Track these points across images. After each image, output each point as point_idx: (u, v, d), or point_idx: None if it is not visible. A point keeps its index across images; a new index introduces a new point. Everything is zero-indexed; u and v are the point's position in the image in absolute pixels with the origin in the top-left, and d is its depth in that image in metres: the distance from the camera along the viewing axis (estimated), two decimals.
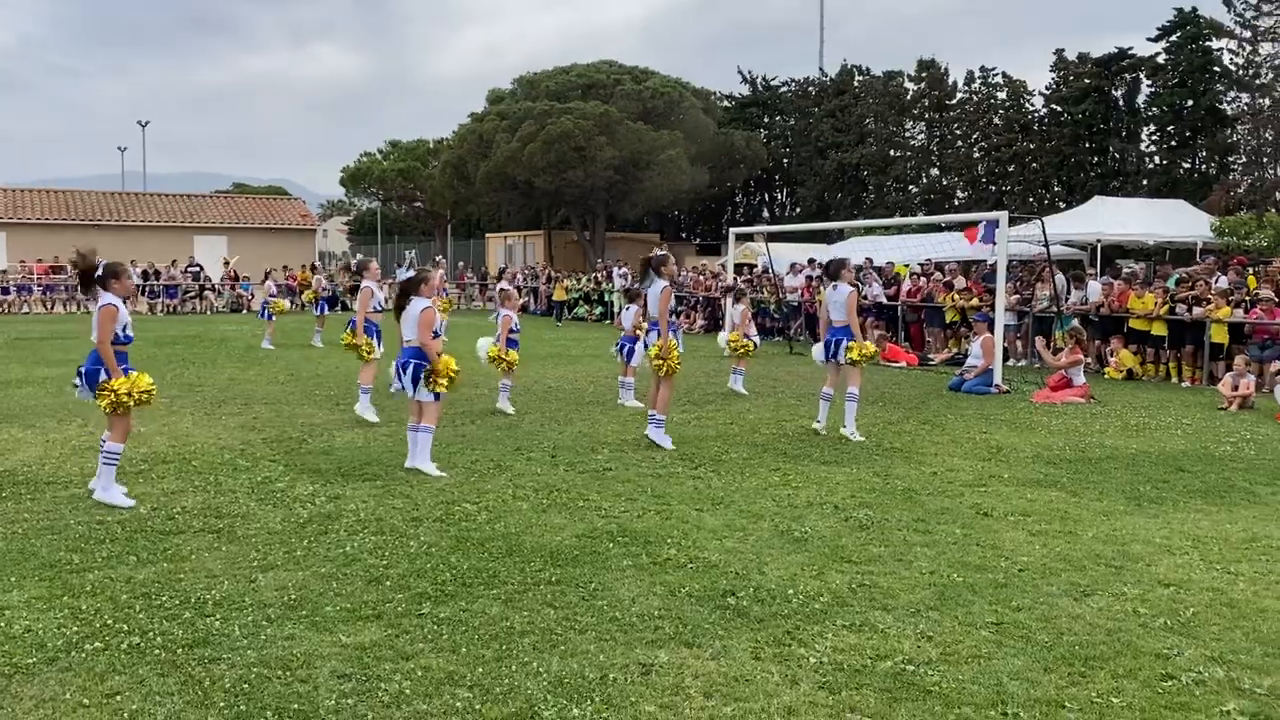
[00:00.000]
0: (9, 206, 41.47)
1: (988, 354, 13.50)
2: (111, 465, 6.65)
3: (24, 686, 3.81)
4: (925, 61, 42.86)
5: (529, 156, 40.24)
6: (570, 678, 3.91)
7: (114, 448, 6.64)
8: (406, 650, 4.18)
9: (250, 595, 4.85)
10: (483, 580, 5.12)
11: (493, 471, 7.90)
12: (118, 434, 6.66)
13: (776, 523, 6.36)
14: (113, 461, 6.66)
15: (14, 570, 5.21)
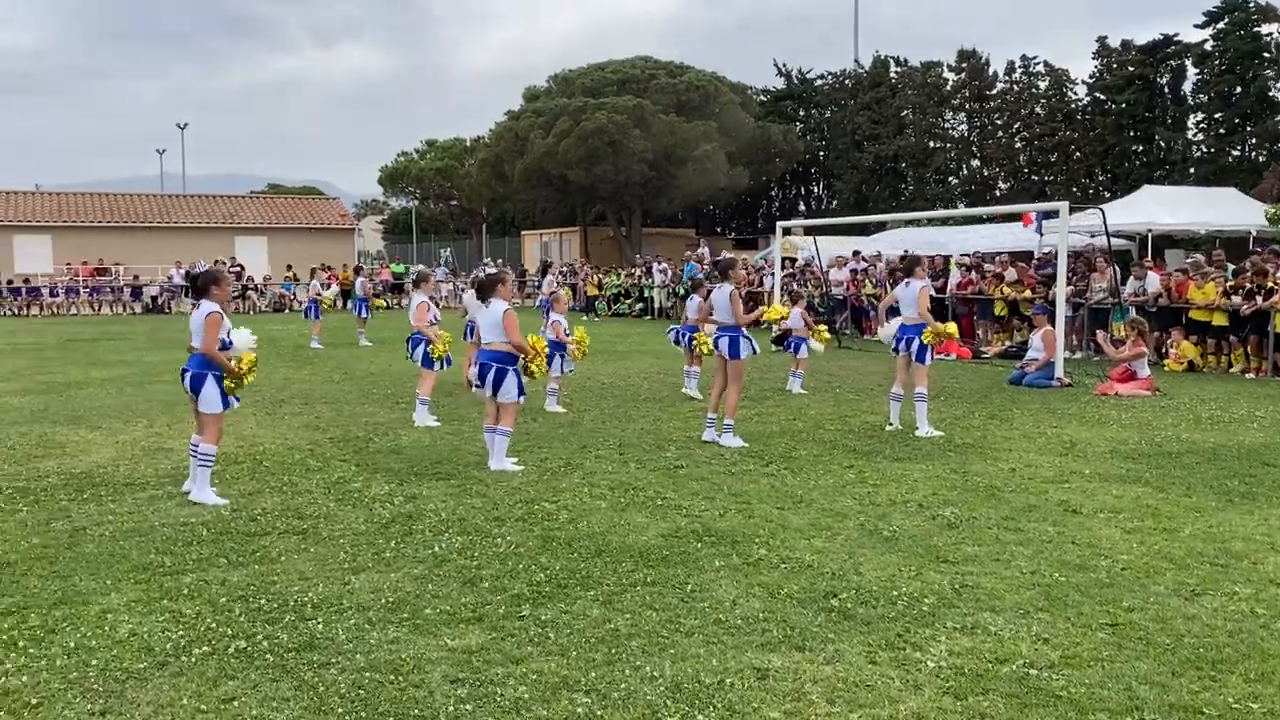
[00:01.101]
0: (54, 210, 42.07)
1: (1049, 346, 13.28)
2: (207, 468, 6.69)
3: (138, 692, 3.78)
4: (965, 51, 42.37)
5: (564, 152, 40.25)
6: (687, 683, 3.84)
7: (208, 450, 6.68)
8: (515, 654, 4.12)
9: (347, 598, 4.82)
10: (577, 581, 5.05)
11: (564, 469, 7.85)
12: (210, 436, 6.69)
13: (862, 521, 6.26)
14: (208, 464, 6.70)
15: (108, 573, 5.21)
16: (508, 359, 7.77)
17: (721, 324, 8.95)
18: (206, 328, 6.61)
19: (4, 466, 7.96)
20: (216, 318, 6.66)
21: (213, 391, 6.62)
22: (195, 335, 6.69)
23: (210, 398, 6.62)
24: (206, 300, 6.73)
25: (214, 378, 6.64)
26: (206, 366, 6.66)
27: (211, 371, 6.64)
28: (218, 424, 6.77)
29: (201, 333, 6.61)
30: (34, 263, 38.46)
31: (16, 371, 15.18)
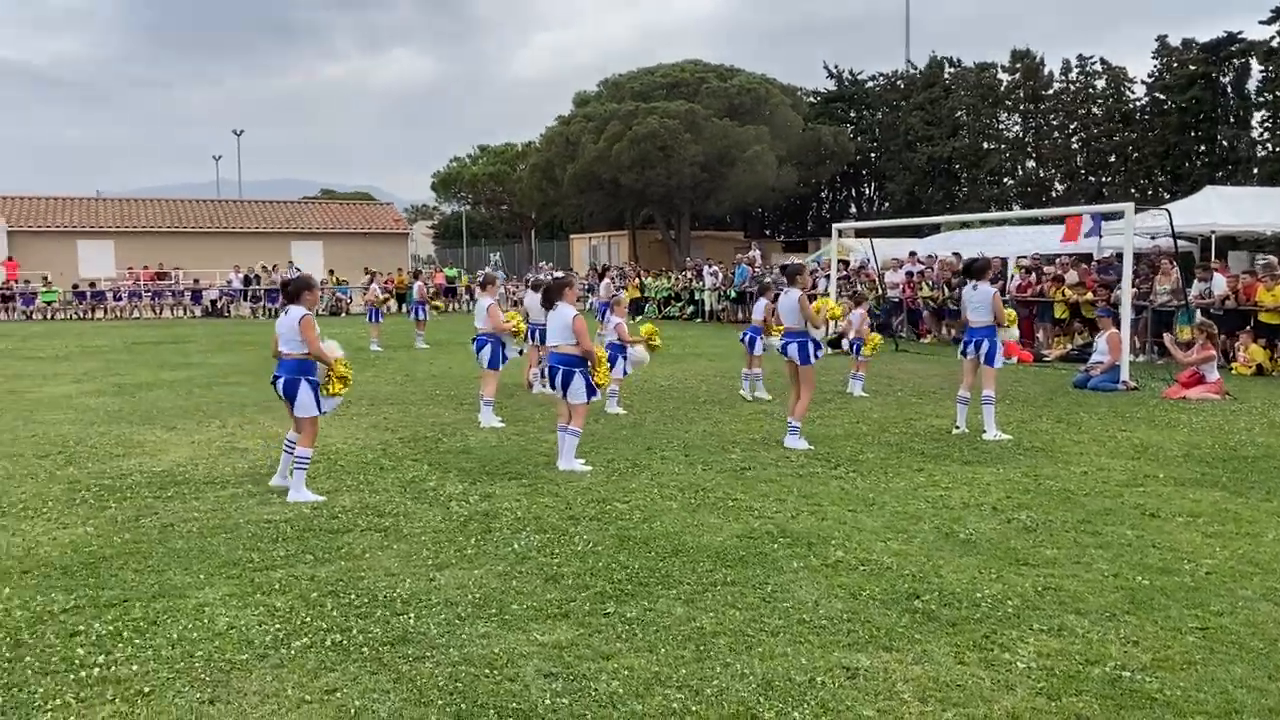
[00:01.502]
0: (118, 216, 43.05)
1: (1114, 350, 13.11)
2: (303, 469, 6.84)
3: (243, 682, 3.90)
4: (1019, 51, 41.87)
5: (615, 156, 40.39)
6: (778, 680, 3.87)
7: (304, 452, 6.83)
8: (604, 650, 4.18)
9: (434, 593, 4.91)
10: (657, 580, 5.10)
11: (632, 470, 7.91)
12: (307, 440, 6.85)
13: (937, 524, 6.24)
14: (304, 466, 6.85)
15: (200, 568, 5.36)
16: (576, 361, 7.86)
17: (790, 329, 8.96)
18: (304, 329, 6.77)
19: (88, 465, 8.20)
20: (311, 319, 6.83)
21: (307, 396, 6.78)
22: (284, 341, 6.85)
23: (305, 403, 6.78)
24: (296, 305, 6.89)
25: (308, 383, 6.79)
26: (299, 371, 6.82)
27: (305, 377, 6.79)
28: (314, 427, 6.93)
29: (295, 336, 6.77)
30: (97, 267, 39.38)
31: (89, 373, 15.56)
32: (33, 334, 25.36)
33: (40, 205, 42.86)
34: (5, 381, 14.37)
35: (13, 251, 37.83)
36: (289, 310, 6.90)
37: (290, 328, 6.82)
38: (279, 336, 6.92)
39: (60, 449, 8.89)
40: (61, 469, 8.03)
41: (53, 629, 4.45)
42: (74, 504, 6.83)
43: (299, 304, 6.92)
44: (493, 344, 10.36)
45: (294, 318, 6.82)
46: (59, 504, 6.82)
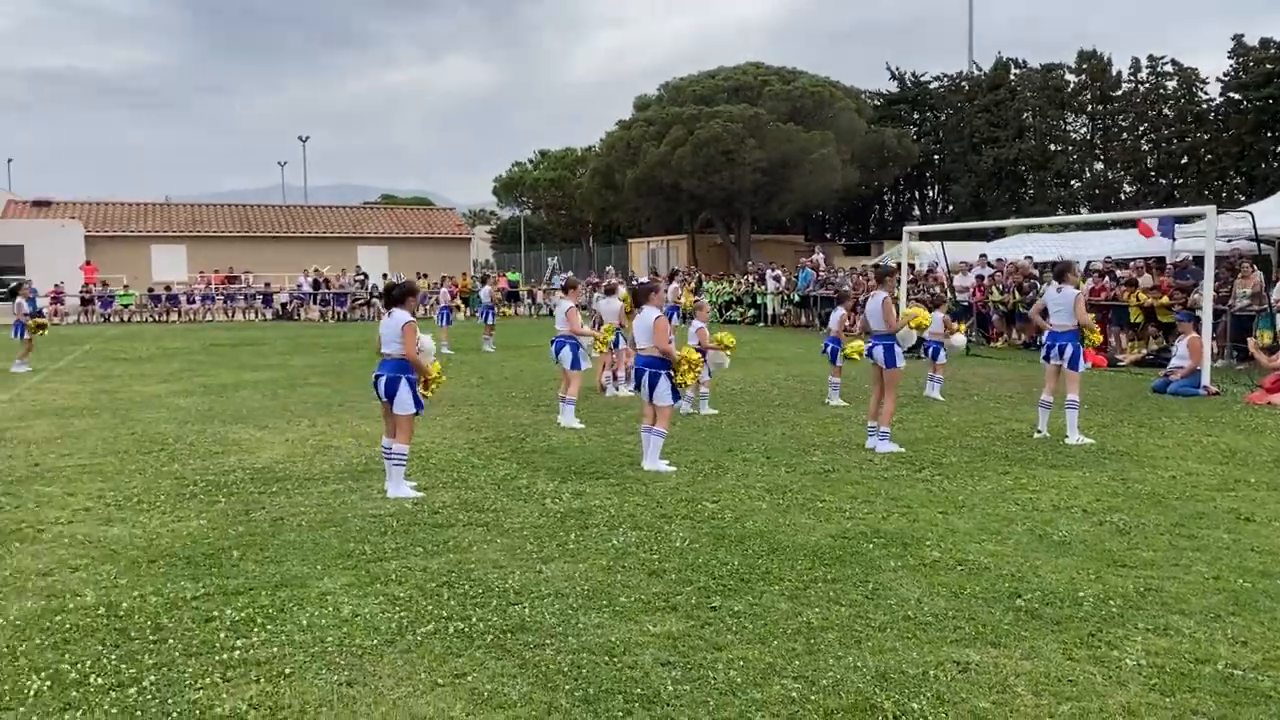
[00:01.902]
0: (190, 221, 44.19)
1: (1194, 354, 12.93)
2: (400, 466, 7.07)
3: (376, 665, 4.09)
4: (1086, 52, 41.25)
5: (678, 161, 40.51)
6: (891, 673, 3.97)
7: (401, 450, 7.07)
8: (716, 641, 4.31)
9: (543, 585, 5.08)
10: (758, 576, 5.22)
11: (716, 472, 8.03)
12: (404, 437, 7.08)
13: (1029, 526, 6.28)
14: (401, 463, 7.08)
15: (316, 559, 5.59)
16: (661, 364, 8.01)
17: (876, 332, 9.01)
18: (406, 334, 6.99)
19: (191, 461, 8.52)
20: (414, 325, 7.05)
21: (407, 395, 7.00)
22: (387, 342, 7.08)
23: (404, 401, 7.00)
24: (401, 309, 7.12)
25: (408, 381, 7.02)
26: (400, 371, 7.04)
27: (405, 375, 7.02)
28: (411, 425, 7.15)
29: (397, 339, 6.99)
30: (170, 271, 40.46)
31: (175, 374, 16.06)
32: (113, 336, 26.14)
33: (116, 211, 44.15)
34: (96, 382, 14.89)
35: (90, 256, 38.99)
36: (393, 313, 7.13)
37: (393, 330, 7.05)
38: (382, 337, 7.15)
39: (161, 446, 9.24)
40: (166, 465, 8.36)
41: (188, 614, 4.69)
42: (184, 498, 7.13)
43: (403, 308, 7.15)
44: (572, 346, 10.55)
45: (397, 321, 7.05)
46: (170, 498, 7.12)
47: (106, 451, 9.00)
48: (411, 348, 7.03)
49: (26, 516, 6.57)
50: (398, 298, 7.24)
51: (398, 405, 7.02)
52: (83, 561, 5.55)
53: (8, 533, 6.16)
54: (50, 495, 7.22)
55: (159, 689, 3.85)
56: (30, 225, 39.68)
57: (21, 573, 5.33)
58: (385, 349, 7.10)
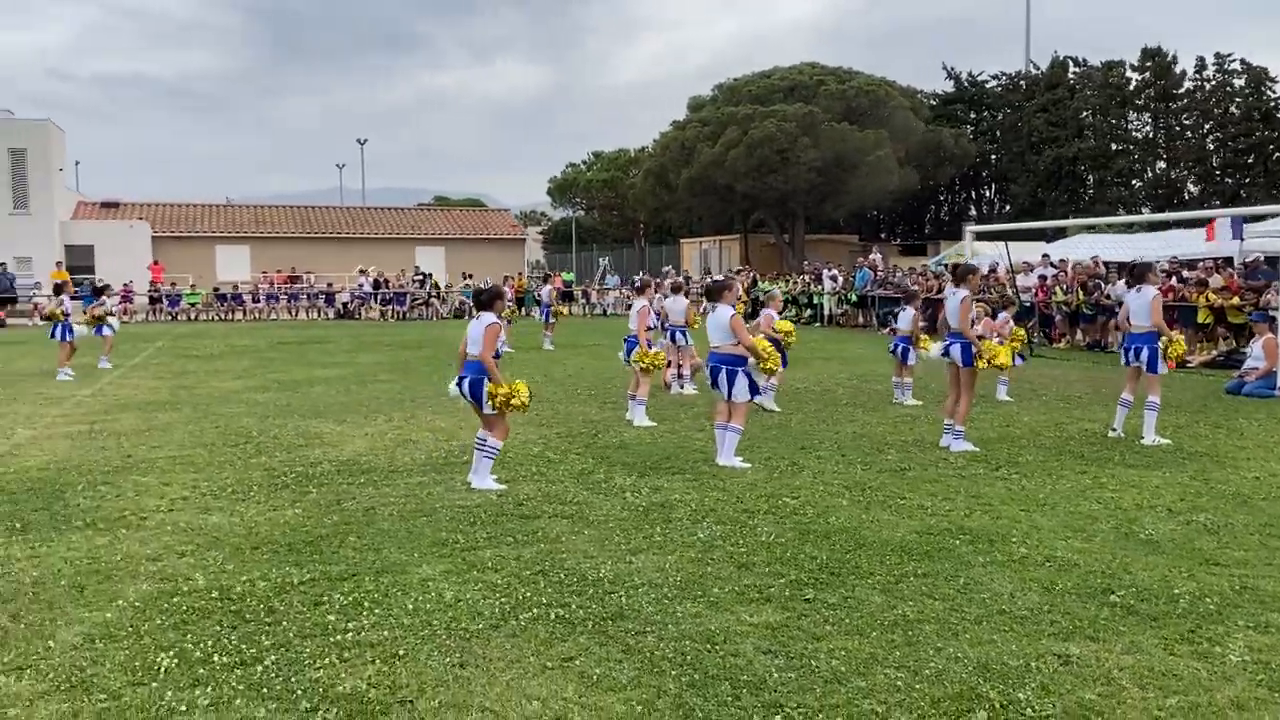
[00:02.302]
0: (253, 222, 45.04)
1: (1270, 355, 12.72)
2: (489, 458, 7.21)
3: (484, 648, 4.21)
4: (1150, 50, 40.56)
5: (732, 161, 40.54)
6: (993, 664, 4.01)
7: (494, 444, 7.21)
8: (815, 632, 4.38)
9: (636, 575, 5.18)
10: (849, 570, 5.28)
11: (791, 469, 8.08)
12: (499, 433, 7.22)
13: (1114, 524, 6.26)
14: (491, 455, 7.22)
15: (411, 546, 5.74)
16: (737, 360, 8.08)
17: (954, 330, 8.99)
18: (487, 335, 7.14)
19: (277, 454, 8.75)
20: (496, 329, 7.20)
21: (480, 391, 7.13)
22: (473, 344, 7.22)
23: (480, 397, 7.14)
24: (488, 312, 7.27)
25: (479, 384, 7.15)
26: (484, 372, 7.18)
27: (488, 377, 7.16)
28: (503, 423, 7.27)
29: (480, 342, 7.14)
30: (233, 271, 41.26)
31: (247, 370, 16.42)
32: (182, 334, 26.75)
33: (181, 212, 45.11)
34: (174, 378, 15.29)
35: (157, 256, 39.89)
36: (480, 316, 7.28)
37: (477, 332, 7.19)
38: (468, 339, 7.29)
39: (246, 439, 9.49)
40: (254, 458, 8.59)
41: (298, 598, 4.85)
42: (276, 489, 7.34)
43: (490, 311, 7.29)
44: (633, 344, 10.68)
45: (482, 323, 7.19)
46: (263, 489, 7.33)
47: (194, 444, 9.27)
48: (489, 349, 7.15)
49: (128, 505, 6.81)
50: (486, 302, 7.39)
51: (486, 406, 7.15)
52: (189, 548, 5.75)
53: (113, 520, 6.39)
54: (147, 485, 7.47)
55: (280, 668, 4.01)
56: (100, 226, 40.72)
57: (132, 558, 5.54)
58: (471, 350, 7.24)
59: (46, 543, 5.83)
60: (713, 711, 3.60)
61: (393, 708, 3.65)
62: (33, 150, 38.00)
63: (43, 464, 8.29)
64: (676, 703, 3.68)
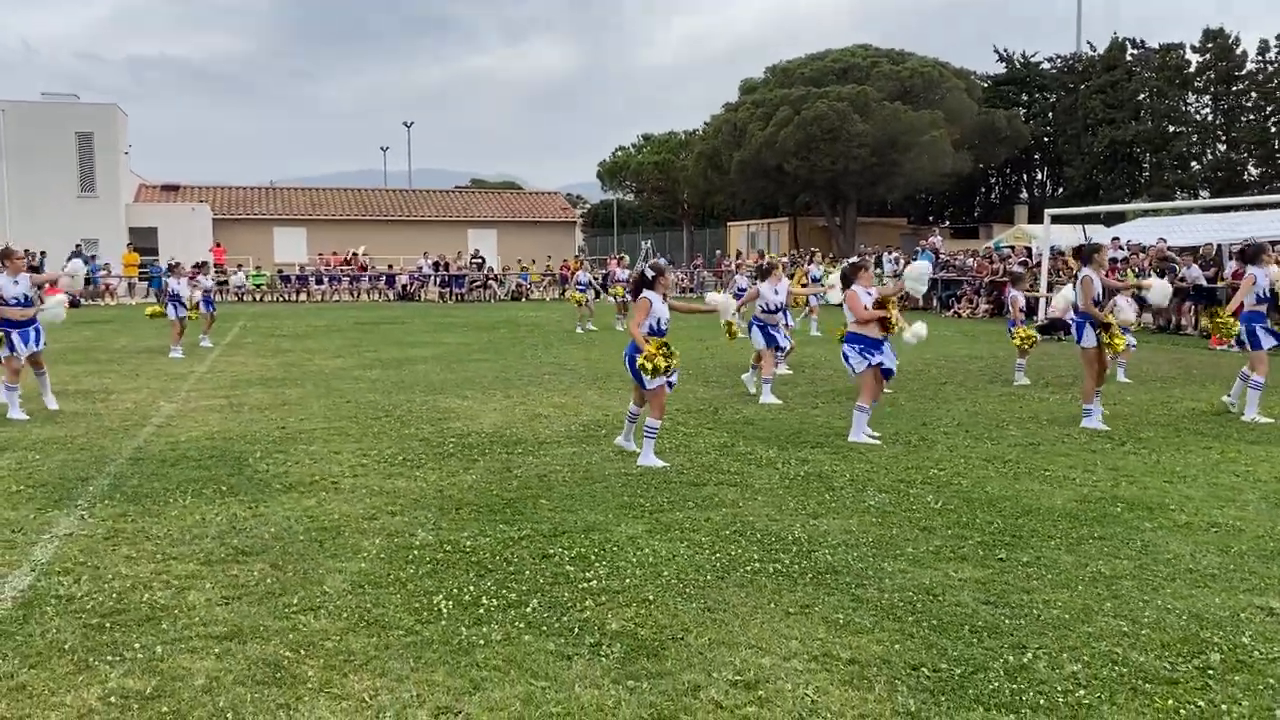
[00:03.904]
0: (309, 205, 45.73)
1: None
2: (651, 438, 7.54)
3: (721, 596, 4.58)
4: (1212, 30, 40.16)
5: (783, 141, 40.63)
6: (1204, 615, 4.33)
7: (653, 424, 7.55)
8: (1023, 586, 4.71)
9: (828, 536, 5.53)
10: (1028, 533, 5.60)
11: (923, 444, 8.39)
12: (656, 413, 7.57)
13: (1261, 494, 6.53)
14: (652, 435, 7.54)
15: (602, 509, 6.13)
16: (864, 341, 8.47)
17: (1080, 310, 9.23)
18: (637, 310, 7.51)
19: (423, 427, 9.17)
20: (646, 303, 7.54)
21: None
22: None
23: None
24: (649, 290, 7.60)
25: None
26: (635, 349, 7.54)
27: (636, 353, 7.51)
28: (659, 399, 7.60)
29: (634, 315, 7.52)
30: (290, 253, 41.97)
31: (342, 349, 16.92)
32: (256, 314, 27.38)
33: (238, 195, 45.91)
34: (275, 355, 15.82)
35: (217, 238, 40.67)
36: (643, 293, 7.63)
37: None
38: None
39: (385, 413, 9.93)
40: (403, 429, 9.02)
41: (525, 551, 5.25)
42: (443, 457, 7.76)
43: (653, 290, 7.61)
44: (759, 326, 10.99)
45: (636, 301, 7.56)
46: (431, 457, 7.76)
47: (337, 417, 9.72)
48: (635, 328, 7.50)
49: (314, 470, 7.26)
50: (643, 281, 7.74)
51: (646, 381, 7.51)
52: (395, 508, 6.17)
53: (309, 484, 6.83)
54: (318, 453, 7.92)
55: (547, 609, 4.40)
56: (163, 209, 41.56)
57: (349, 517, 5.97)
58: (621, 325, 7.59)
59: (262, 504, 6.27)
60: (963, 651, 3.95)
61: (668, 644, 4.03)
62: (99, 134, 38.79)
63: (207, 434, 8.77)
64: (926, 643, 4.03)
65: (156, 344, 17.12)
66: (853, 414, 8.62)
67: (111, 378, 12.84)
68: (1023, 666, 3.80)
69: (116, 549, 5.28)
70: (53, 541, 5.42)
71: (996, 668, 3.79)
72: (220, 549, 5.28)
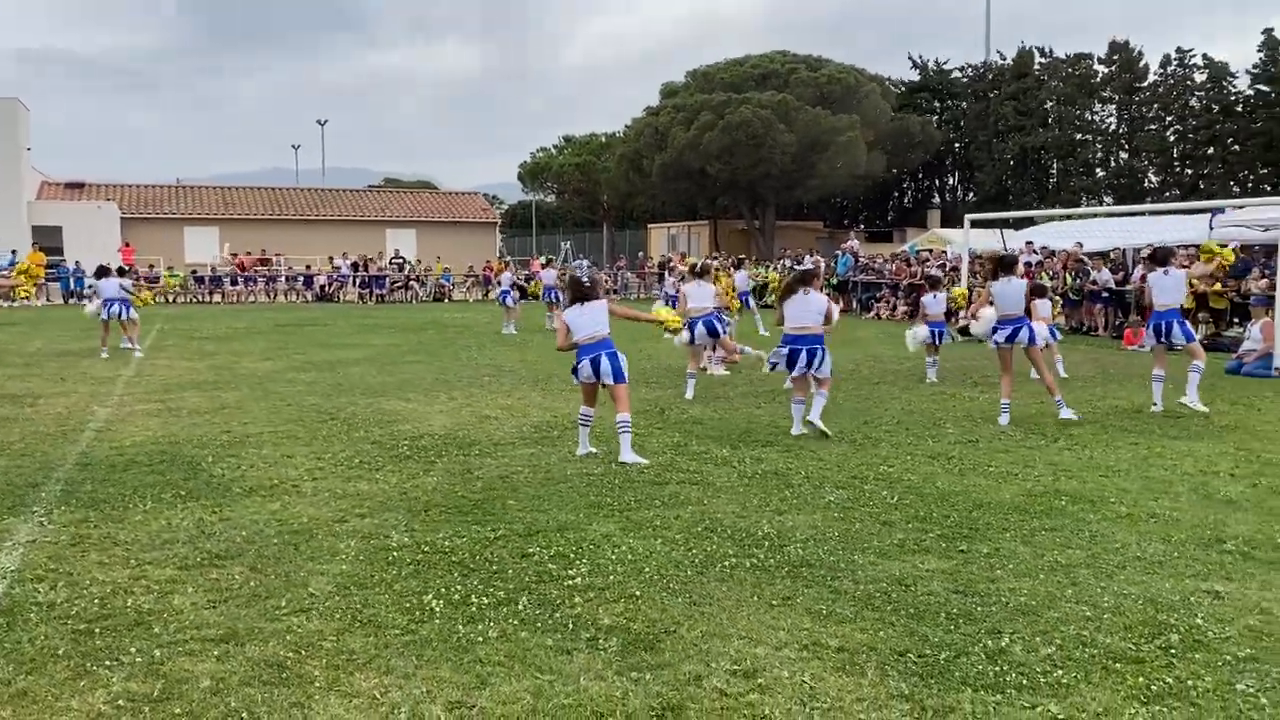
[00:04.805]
0: (221, 203, 44.66)
1: (1268, 337, 13.59)
2: (628, 433, 7.66)
3: (705, 590, 4.72)
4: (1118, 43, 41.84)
5: (706, 145, 41.09)
6: (1158, 599, 4.61)
7: (626, 417, 7.67)
8: (987, 576, 4.95)
9: (797, 531, 5.72)
10: (983, 526, 5.86)
11: (868, 442, 8.66)
12: (626, 406, 7.70)
13: (1190, 487, 6.92)
14: (629, 430, 7.67)
15: (572, 509, 6.22)
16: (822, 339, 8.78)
17: (1010, 316, 9.61)
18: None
19: (374, 429, 9.13)
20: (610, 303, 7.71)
21: (607, 367, 7.62)
22: (591, 327, 7.73)
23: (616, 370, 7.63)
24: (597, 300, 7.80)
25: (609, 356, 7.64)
26: (602, 348, 7.67)
27: (605, 351, 7.64)
28: (626, 395, 7.74)
29: (604, 320, 7.71)
30: (202, 253, 40.93)
31: (269, 352, 16.63)
32: (172, 316, 26.66)
33: (148, 193, 44.60)
34: (203, 358, 15.50)
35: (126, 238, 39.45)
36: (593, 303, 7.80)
37: (596, 314, 7.72)
38: (580, 326, 7.82)
39: (330, 416, 9.84)
40: (353, 432, 8.97)
41: (503, 551, 5.32)
42: (400, 459, 7.76)
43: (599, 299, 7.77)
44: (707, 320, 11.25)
45: (603, 305, 7.73)
46: (388, 460, 7.75)
47: (281, 420, 9.61)
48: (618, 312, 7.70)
49: (271, 474, 7.19)
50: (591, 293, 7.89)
51: (605, 379, 7.63)
52: (362, 510, 6.17)
53: (269, 488, 6.78)
54: (271, 457, 7.85)
55: (538, 606, 4.49)
56: (68, 207, 40.15)
57: (318, 520, 5.96)
58: (591, 331, 7.69)
59: (226, 507, 6.22)
60: (943, 637, 4.15)
61: (662, 637, 4.15)
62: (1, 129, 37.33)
63: (151, 438, 8.61)
64: (907, 630, 4.23)
65: (77, 346, 16.64)
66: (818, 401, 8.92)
67: (35, 382, 12.45)
68: (1001, 650, 4.02)
69: (86, 555, 5.20)
70: (16, 549, 5.32)
71: (977, 651, 4.00)
72: (194, 553, 5.24)
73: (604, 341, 7.76)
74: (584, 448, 7.93)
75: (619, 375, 7.68)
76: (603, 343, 7.75)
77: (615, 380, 7.68)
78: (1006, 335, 9.63)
